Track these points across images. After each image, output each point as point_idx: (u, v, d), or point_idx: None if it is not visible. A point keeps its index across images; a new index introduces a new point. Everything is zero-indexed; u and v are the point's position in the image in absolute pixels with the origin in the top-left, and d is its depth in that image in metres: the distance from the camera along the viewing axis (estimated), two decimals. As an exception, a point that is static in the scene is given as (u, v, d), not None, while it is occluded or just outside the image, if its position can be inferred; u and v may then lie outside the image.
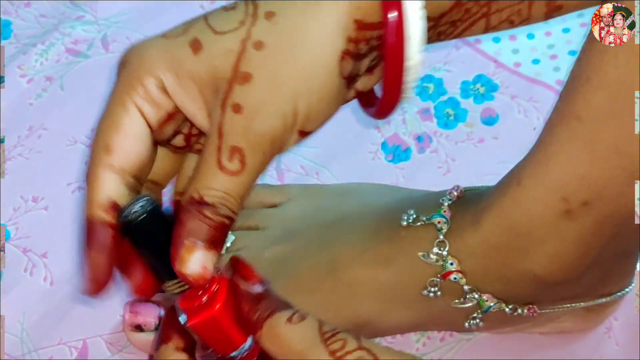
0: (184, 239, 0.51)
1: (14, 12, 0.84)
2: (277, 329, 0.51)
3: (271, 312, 0.52)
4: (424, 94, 0.82)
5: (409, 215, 0.66)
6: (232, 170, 0.52)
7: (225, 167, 0.52)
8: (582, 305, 0.67)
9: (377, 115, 0.56)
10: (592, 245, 0.61)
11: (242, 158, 0.52)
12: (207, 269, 0.52)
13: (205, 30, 0.53)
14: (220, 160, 0.52)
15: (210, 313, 0.52)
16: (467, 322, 0.66)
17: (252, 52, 0.51)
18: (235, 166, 0.52)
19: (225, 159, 0.52)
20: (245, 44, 0.51)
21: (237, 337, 0.53)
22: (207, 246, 0.52)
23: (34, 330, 0.69)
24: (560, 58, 0.84)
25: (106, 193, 0.53)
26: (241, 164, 0.52)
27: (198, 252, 0.51)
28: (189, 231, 0.51)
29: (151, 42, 0.54)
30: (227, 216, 0.52)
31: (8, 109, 0.79)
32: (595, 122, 0.56)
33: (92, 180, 0.53)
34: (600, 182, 0.58)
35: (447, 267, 0.64)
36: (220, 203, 0.52)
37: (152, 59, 0.53)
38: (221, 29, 0.52)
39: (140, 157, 0.54)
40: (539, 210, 0.60)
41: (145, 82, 0.53)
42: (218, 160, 0.52)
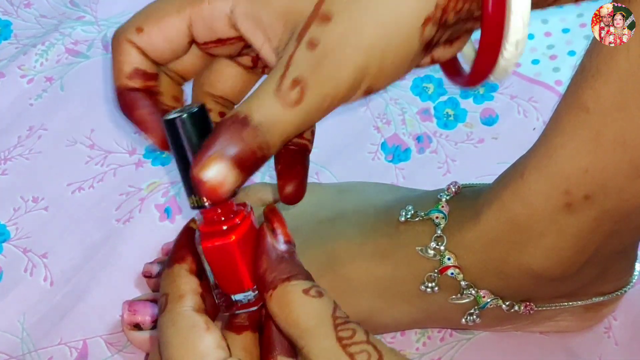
0: (212, 146, 0.48)
1: (14, 13, 0.84)
2: (291, 296, 0.50)
3: (290, 277, 0.50)
4: (424, 94, 0.82)
5: (407, 210, 0.66)
6: (289, 99, 0.49)
7: (282, 95, 0.49)
8: (579, 303, 0.68)
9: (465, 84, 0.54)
10: (590, 241, 0.61)
11: (302, 91, 0.49)
12: (224, 185, 0.48)
13: None
14: (280, 86, 0.49)
15: (225, 241, 0.50)
16: (464, 318, 0.66)
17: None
18: (294, 96, 0.49)
19: (285, 86, 0.49)
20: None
21: (246, 280, 0.51)
22: (233, 163, 0.48)
23: (34, 331, 0.69)
24: (559, 58, 0.84)
25: (132, 64, 0.53)
26: (300, 96, 0.49)
27: (221, 164, 0.48)
28: (220, 142, 0.48)
29: None
30: (262, 147, 0.49)
31: (8, 109, 0.79)
32: (603, 114, 0.56)
33: (119, 51, 0.53)
34: (603, 175, 0.57)
35: (444, 262, 0.64)
36: (262, 129, 0.49)
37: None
38: None
39: (165, 53, 0.53)
40: (540, 203, 0.60)
41: (214, 3, 0.51)
42: (278, 86, 0.49)
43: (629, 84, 0.54)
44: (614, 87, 0.55)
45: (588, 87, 0.56)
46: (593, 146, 0.57)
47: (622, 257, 0.66)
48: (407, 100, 0.82)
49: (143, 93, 0.53)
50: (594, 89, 0.56)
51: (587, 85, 0.56)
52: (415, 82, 0.82)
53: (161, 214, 0.75)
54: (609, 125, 0.56)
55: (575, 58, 0.84)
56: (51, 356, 0.68)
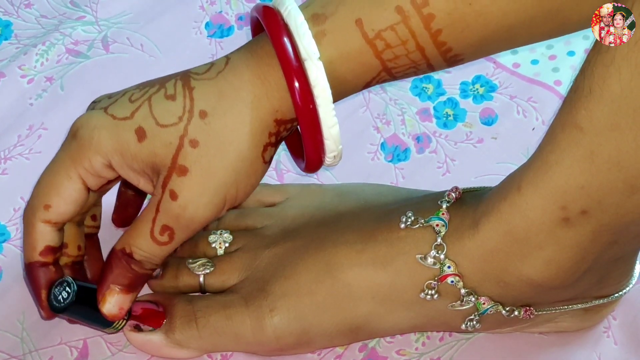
0: (109, 283, 0.64)
1: (15, 13, 0.84)
2: None
3: None
4: (423, 94, 0.82)
5: (407, 217, 0.66)
6: (161, 241, 0.63)
7: (155, 238, 0.62)
8: (579, 306, 0.68)
9: (305, 170, 0.64)
10: (589, 252, 0.61)
11: (171, 234, 0.62)
12: (123, 309, 0.65)
13: (149, 119, 0.61)
14: (152, 230, 0.62)
15: None
16: (464, 324, 0.66)
17: (189, 149, 0.61)
18: (164, 239, 0.62)
19: (157, 232, 0.62)
20: (183, 140, 0.61)
21: None
22: (125, 290, 0.64)
23: (34, 330, 0.69)
24: (559, 58, 0.84)
25: (44, 242, 0.64)
26: (169, 238, 0.62)
27: (117, 295, 0.64)
28: (114, 278, 0.64)
29: (100, 121, 0.62)
30: (151, 268, 0.64)
31: (8, 109, 0.79)
32: (596, 134, 0.56)
33: (31, 231, 0.64)
34: (599, 192, 0.58)
35: (444, 270, 0.64)
36: (146, 261, 0.63)
37: (101, 141, 0.62)
38: (163, 122, 0.61)
39: (74, 213, 0.64)
40: (537, 217, 0.60)
41: (92, 160, 0.62)
42: (151, 230, 0.62)
43: (621, 106, 0.55)
44: (607, 108, 0.55)
45: (582, 107, 0.56)
46: (588, 164, 0.57)
47: (621, 263, 0.66)
48: (407, 100, 0.82)
49: (51, 266, 0.65)
50: (588, 109, 0.56)
51: (580, 105, 0.56)
52: (415, 83, 0.82)
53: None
54: (603, 144, 0.56)
55: (575, 58, 0.84)
56: (51, 356, 0.68)
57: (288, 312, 0.66)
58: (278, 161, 0.78)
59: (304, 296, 0.66)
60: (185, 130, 0.61)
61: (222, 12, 0.86)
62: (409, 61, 0.61)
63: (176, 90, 0.62)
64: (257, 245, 0.69)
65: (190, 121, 0.61)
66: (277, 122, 0.61)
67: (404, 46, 0.60)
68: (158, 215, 0.62)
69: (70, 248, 0.67)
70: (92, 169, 0.63)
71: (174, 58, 0.83)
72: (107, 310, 0.64)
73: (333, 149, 0.62)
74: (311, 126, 0.60)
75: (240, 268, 0.69)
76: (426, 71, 0.62)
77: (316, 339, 0.67)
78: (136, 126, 0.61)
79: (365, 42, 0.60)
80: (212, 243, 0.70)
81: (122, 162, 0.62)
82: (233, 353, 0.68)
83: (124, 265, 0.64)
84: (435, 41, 0.60)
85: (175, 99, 0.61)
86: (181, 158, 0.61)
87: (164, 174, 0.61)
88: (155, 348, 0.67)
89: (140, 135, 0.61)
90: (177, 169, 0.61)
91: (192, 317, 0.67)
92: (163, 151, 0.61)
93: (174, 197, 0.61)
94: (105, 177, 0.64)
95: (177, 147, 0.61)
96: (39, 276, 0.65)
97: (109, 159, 0.62)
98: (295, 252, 0.68)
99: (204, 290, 0.69)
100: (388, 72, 0.61)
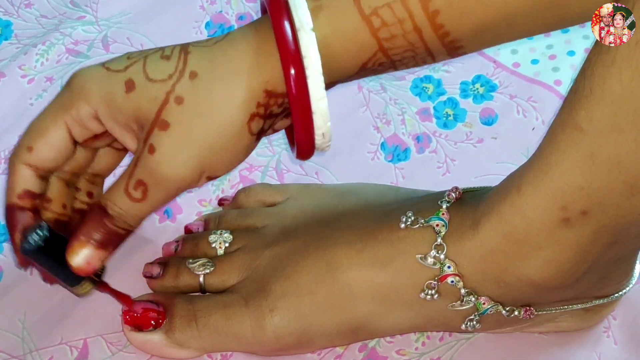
0: (80, 235, 0.63)
1: (15, 13, 0.84)
2: None
3: None
4: (423, 94, 0.82)
5: (407, 217, 0.66)
6: (134, 197, 0.62)
7: (129, 193, 0.62)
8: (579, 306, 0.68)
9: (297, 157, 0.64)
10: (589, 252, 0.61)
11: (144, 190, 0.62)
12: (90, 264, 0.63)
13: (140, 73, 0.61)
14: (127, 185, 0.62)
15: None
16: (464, 324, 0.66)
17: (173, 105, 0.60)
18: (138, 195, 0.62)
19: (131, 186, 0.62)
20: (169, 96, 0.60)
21: None
22: (96, 245, 0.63)
23: (34, 330, 0.69)
24: (559, 58, 0.84)
25: (23, 184, 0.64)
26: (142, 195, 0.62)
27: (86, 248, 0.63)
28: (86, 230, 0.63)
29: (93, 72, 0.63)
30: (124, 227, 0.63)
31: (8, 109, 0.79)
32: (596, 135, 0.56)
33: (12, 172, 0.65)
34: (599, 193, 0.58)
35: (444, 270, 0.64)
36: (118, 217, 0.63)
37: (91, 89, 0.62)
38: (153, 77, 0.61)
39: (56, 161, 0.64)
40: (537, 218, 0.60)
41: (79, 107, 0.62)
42: (126, 184, 0.62)
43: (622, 107, 0.55)
44: (607, 109, 0.55)
45: (582, 108, 0.56)
46: (588, 165, 0.57)
47: (621, 263, 0.66)
48: (407, 100, 0.82)
49: (29, 211, 0.65)
50: (588, 110, 0.56)
51: (580, 106, 0.56)
52: (415, 82, 0.82)
53: (161, 216, 0.75)
54: (603, 145, 0.56)
55: (575, 58, 0.84)
56: (52, 355, 0.68)
57: (288, 312, 0.66)
58: (278, 161, 0.78)
59: (304, 296, 0.66)
60: (172, 87, 0.60)
61: (223, 12, 0.86)
62: (406, 43, 0.60)
63: (173, 52, 0.62)
64: (257, 245, 0.69)
65: (179, 80, 0.61)
66: (266, 93, 0.61)
67: (400, 25, 0.60)
68: (135, 169, 0.61)
69: (55, 204, 0.66)
70: (78, 118, 0.63)
71: (174, 58, 0.83)
72: (74, 261, 0.63)
73: (320, 125, 0.61)
74: (300, 98, 0.60)
75: (241, 268, 0.69)
76: (425, 58, 0.62)
77: (316, 339, 0.67)
78: (126, 78, 0.61)
79: (361, 18, 0.60)
80: (212, 243, 0.70)
81: (107, 113, 0.62)
82: (233, 353, 0.68)
83: (98, 219, 0.63)
84: (433, 23, 0.59)
85: (169, 60, 0.61)
86: (164, 113, 0.60)
87: (147, 129, 0.61)
88: (155, 348, 0.67)
89: (129, 86, 0.61)
90: (159, 124, 0.60)
91: (192, 317, 0.67)
92: (148, 105, 0.61)
93: (152, 151, 0.61)
94: (90, 130, 0.63)
95: (162, 102, 0.60)
96: (15, 219, 0.64)
97: (96, 108, 0.62)
98: (296, 252, 0.68)
99: (204, 290, 0.69)
100: (384, 54, 0.61)
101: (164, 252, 0.72)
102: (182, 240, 0.72)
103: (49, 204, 0.66)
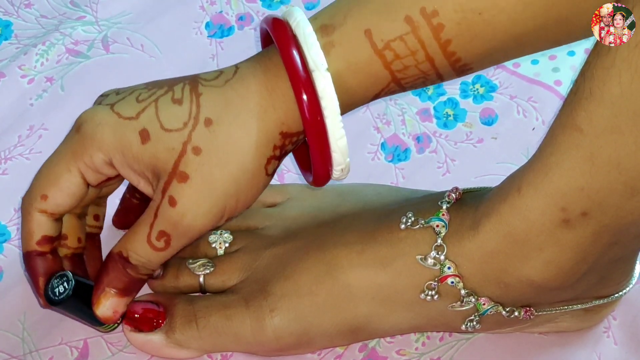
0: (104, 286, 0.65)
1: (15, 13, 0.84)
2: None
3: None
4: (423, 94, 0.82)
5: (407, 217, 0.66)
6: (157, 247, 0.62)
7: (152, 243, 0.62)
8: (579, 307, 0.68)
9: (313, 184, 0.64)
10: (589, 253, 0.61)
11: (167, 240, 0.62)
12: (117, 312, 0.65)
13: (155, 122, 0.61)
14: (149, 235, 0.62)
15: None
16: (465, 324, 0.66)
17: (191, 156, 0.60)
18: (161, 245, 0.62)
19: (154, 237, 0.62)
20: (186, 146, 0.60)
21: None
22: (120, 294, 0.65)
23: (34, 330, 0.69)
24: (559, 58, 0.84)
25: (41, 231, 0.64)
26: (166, 245, 0.62)
27: (112, 299, 0.65)
28: (110, 281, 0.64)
29: (105, 118, 0.62)
30: (146, 273, 0.64)
31: (8, 109, 0.79)
32: (596, 136, 0.56)
33: (28, 220, 0.64)
34: (599, 194, 0.58)
35: (444, 271, 0.64)
36: (142, 266, 0.63)
37: (103, 138, 0.62)
38: (168, 127, 0.61)
39: (71, 205, 0.64)
40: (537, 219, 0.60)
41: (93, 156, 0.62)
42: (148, 235, 0.62)
43: (621, 108, 0.55)
44: (607, 110, 0.55)
45: (581, 109, 0.56)
46: (588, 166, 0.57)
47: (621, 263, 0.66)
48: (407, 100, 0.82)
49: (49, 255, 0.65)
50: (587, 111, 0.56)
51: (580, 108, 0.56)
52: (415, 82, 0.82)
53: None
54: (602, 147, 0.56)
55: (575, 58, 0.84)
56: (52, 356, 0.68)
57: (288, 313, 0.66)
58: (278, 161, 0.78)
59: (304, 297, 0.66)
60: (189, 136, 0.60)
61: (223, 12, 0.86)
62: (418, 72, 0.60)
63: (183, 94, 0.61)
64: (258, 246, 0.69)
65: (195, 128, 0.60)
66: (282, 135, 0.61)
67: (413, 57, 0.60)
68: (156, 220, 0.61)
69: (70, 240, 0.67)
70: (92, 165, 0.63)
71: (174, 58, 0.83)
72: (101, 312, 0.65)
73: (340, 161, 0.62)
74: (319, 138, 0.60)
75: (241, 268, 0.69)
76: (435, 81, 0.62)
77: (316, 340, 0.67)
78: (140, 127, 0.61)
79: (374, 52, 0.60)
80: (212, 243, 0.70)
81: (123, 161, 0.62)
82: (233, 353, 0.68)
83: (120, 268, 0.64)
84: (445, 51, 0.59)
85: (182, 104, 0.61)
86: (183, 164, 0.60)
87: (164, 179, 0.61)
88: (155, 348, 0.67)
89: (144, 137, 0.61)
90: (178, 175, 0.60)
91: (193, 318, 0.67)
92: (165, 156, 0.60)
93: (173, 204, 0.61)
94: (105, 174, 0.64)
95: (180, 153, 0.60)
96: (36, 265, 0.65)
97: (110, 157, 0.62)
98: (296, 253, 0.68)
99: (204, 290, 0.69)
100: (397, 83, 0.61)
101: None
102: (182, 240, 0.72)
103: (65, 241, 0.67)
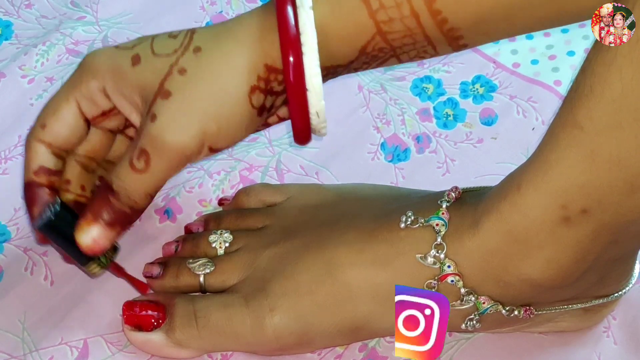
0: (87, 213, 0.64)
1: (15, 13, 0.85)
2: None
3: None
4: (423, 94, 0.82)
5: (407, 217, 0.66)
6: (137, 168, 0.62)
7: (133, 165, 0.62)
8: (579, 306, 0.68)
9: (295, 140, 0.64)
10: (589, 251, 0.61)
11: (147, 160, 0.62)
12: (98, 243, 0.64)
13: (147, 49, 0.63)
14: (131, 157, 0.62)
15: None
16: (464, 323, 0.66)
17: (176, 75, 0.62)
18: (140, 165, 0.62)
19: (135, 157, 0.62)
20: (172, 68, 0.62)
21: None
22: (104, 224, 0.64)
23: (34, 330, 0.69)
24: (559, 58, 0.84)
25: (38, 161, 0.66)
26: (146, 165, 0.62)
27: (94, 227, 0.64)
28: (93, 208, 0.64)
29: (104, 51, 0.65)
30: (128, 205, 0.63)
31: (9, 109, 0.79)
32: (597, 133, 0.56)
33: (28, 150, 0.66)
34: (599, 191, 0.58)
35: (444, 269, 0.64)
36: (123, 192, 0.63)
37: (99, 65, 0.64)
38: (158, 52, 0.63)
39: (68, 138, 0.66)
40: (537, 217, 0.60)
41: (88, 83, 0.64)
42: (130, 157, 0.62)
43: (622, 105, 0.55)
44: (608, 107, 0.55)
45: (582, 106, 0.56)
46: (588, 163, 0.57)
47: (621, 262, 0.66)
48: (407, 100, 0.82)
49: (47, 188, 0.66)
50: (588, 108, 0.56)
51: (581, 104, 0.56)
52: (415, 83, 0.82)
53: (161, 216, 0.75)
54: (603, 144, 0.56)
55: (575, 58, 0.84)
56: (52, 356, 0.68)
57: (288, 312, 0.66)
58: (278, 161, 0.78)
59: (304, 296, 0.66)
60: (176, 60, 0.62)
61: (223, 12, 0.86)
62: (404, 27, 0.61)
63: (180, 32, 0.64)
64: (258, 245, 0.69)
65: (183, 54, 0.62)
66: (267, 68, 0.62)
67: (398, 8, 0.60)
68: (138, 140, 0.63)
69: (73, 185, 0.67)
70: (87, 93, 0.65)
71: (174, 58, 0.83)
72: (81, 239, 0.64)
73: (314, 102, 0.62)
74: (295, 73, 0.61)
75: (241, 268, 0.69)
76: (426, 48, 0.62)
77: (316, 339, 0.67)
78: (133, 53, 0.63)
79: None
80: (212, 243, 0.70)
81: (114, 87, 0.64)
82: (233, 353, 0.69)
83: (105, 197, 0.64)
84: (430, 8, 0.60)
85: (176, 38, 0.64)
86: (167, 83, 0.62)
87: (150, 100, 0.62)
88: (155, 348, 0.68)
89: (135, 60, 0.63)
90: (162, 93, 0.62)
91: (193, 317, 0.67)
92: (152, 76, 0.62)
93: (154, 119, 0.62)
94: (99, 105, 0.65)
95: (166, 73, 0.62)
96: (33, 195, 0.66)
97: (104, 83, 0.64)
98: (296, 252, 0.68)
99: (204, 290, 0.69)
100: (383, 38, 0.61)
101: (164, 252, 0.72)
102: (182, 240, 0.72)
103: (68, 185, 0.67)
